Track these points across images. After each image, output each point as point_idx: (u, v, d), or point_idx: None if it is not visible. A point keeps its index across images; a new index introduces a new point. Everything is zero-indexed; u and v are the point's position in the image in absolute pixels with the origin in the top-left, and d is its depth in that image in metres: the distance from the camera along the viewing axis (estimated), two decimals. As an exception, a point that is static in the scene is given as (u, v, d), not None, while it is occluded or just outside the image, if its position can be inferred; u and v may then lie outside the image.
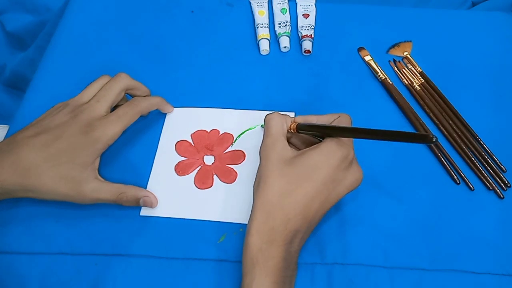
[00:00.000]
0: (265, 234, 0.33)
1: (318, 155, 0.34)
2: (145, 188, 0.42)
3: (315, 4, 0.57)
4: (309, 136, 0.39)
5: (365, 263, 0.38)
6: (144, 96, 0.45)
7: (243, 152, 0.45)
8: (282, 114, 0.39)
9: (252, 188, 0.37)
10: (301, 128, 0.38)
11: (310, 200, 0.33)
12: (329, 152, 0.34)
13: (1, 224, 0.40)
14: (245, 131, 0.46)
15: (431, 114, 0.47)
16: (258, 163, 0.37)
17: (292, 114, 0.47)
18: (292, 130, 0.38)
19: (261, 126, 0.39)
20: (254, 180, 0.37)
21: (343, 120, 0.37)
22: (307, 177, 0.34)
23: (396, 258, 0.39)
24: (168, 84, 0.50)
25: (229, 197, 0.42)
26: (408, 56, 0.53)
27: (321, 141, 0.36)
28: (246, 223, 0.35)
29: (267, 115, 0.39)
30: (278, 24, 0.55)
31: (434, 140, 0.27)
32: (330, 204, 0.35)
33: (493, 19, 0.56)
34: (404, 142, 0.30)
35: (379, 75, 0.50)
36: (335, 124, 0.37)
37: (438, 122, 0.47)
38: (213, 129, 0.46)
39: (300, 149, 0.38)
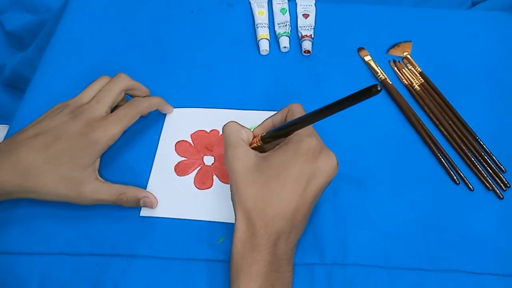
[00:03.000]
0: (247, 241, 0.33)
1: (281, 155, 0.34)
2: (145, 188, 0.42)
3: (315, 4, 0.57)
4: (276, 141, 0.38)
5: (364, 263, 0.38)
6: (144, 97, 0.45)
7: (243, 153, 0.45)
8: (239, 124, 0.38)
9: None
10: (264, 138, 0.37)
11: (285, 201, 0.33)
12: (292, 149, 0.34)
13: (1, 225, 0.40)
14: (245, 131, 0.46)
15: (430, 114, 0.47)
16: None
17: None
18: (259, 143, 0.38)
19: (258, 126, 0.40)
20: None
21: (294, 110, 0.37)
22: (276, 178, 0.33)
23: (396, 259, 0.39)
24: (168, 84, 0.50)
25: (229, 198, 0.41)
26: (408, 56, 0.53)
27: None
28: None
29: (223, 125, 0.38)
30: (278, 24, 0.55)
31: (379, 89, 0.26)
32: (311, 199, 0.34)
33: (493, 19, 0.56)
34: (356, 103, 0.29)
35: (379, 75, 0.50)
36: (288, 117, 0.37)
37: (438, 122, 0.47)
38: (213, 129, 0.46)
39: None
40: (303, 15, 0.56)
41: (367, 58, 0.52)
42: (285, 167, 0.33)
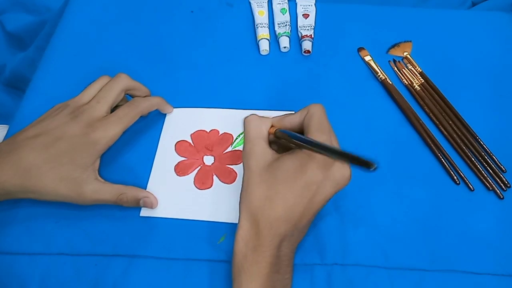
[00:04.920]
0: (250, 240, 0.33)
1: (295, 159, 0.34)
2: (145, 188, 0.42)
3: (315, 4, 0.57)
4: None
5: (364, 263, 0.38)
6: (144, 97, 0.45)
7: (243, 153, 0.45)
8: (260, 116, 0.38)
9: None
10: (277, 136, 0.37)
11: (291, 204, 0.33)
12: (306, 154, 0.33)
13: (1, 225, 0.40)
14: (245, 131, 0.46)
15: (431, 114, 0.47)
16: None
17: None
18: (271, 135, 0.37)
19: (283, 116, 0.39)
20: None
21: (313, 113, 0.36)
22: (286, 182, 0.33)
23: (396, 259, 0.39)
24: (168, 84, 0.50)
25: (229, 198, 0.42)
26: (408, 56, 0.53)
27: None
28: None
29: (244, 118, 0.37)
30: (278, 24, 0.55)
31: (372, 168, 0.27)
32: (318, 205, 0.34)
33: (493, 19, 0.56)
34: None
35: (379, 75, 0.50)
36: (306, 120, 0.36)
37: (438, 122, 0.47)
38: (212, 129, 0.46)
39: (290, 149, 0.37)
40: (303, 15, 0.56)
41: (367, 58, 0.52)
42: (296, 172, 0.33)
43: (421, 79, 0.50)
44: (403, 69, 0.51)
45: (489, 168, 0.44)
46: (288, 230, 0.33)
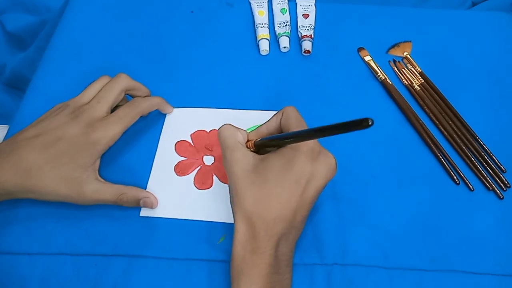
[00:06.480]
0: (248, 243, 0.33)
1: (280, 157, 0.34)
2: (145, 188, 0.42)
3: (315, 4, 0.57)
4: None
5: (364, 263, 0.38)
6: (144, 97, 0.45)
7: (243, 153, 0.45)
8: (234, 126, 0.38)
9: (230, 203, 0.36)
10: (257, 145, 0.37)
11: (284, 202, 0.33)
12: (291, 151, 0.34)
13: (1, 225, 0.40)
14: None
15: (430, 114, 0.47)
16: None
17: None
18: (252, 149, 0.37)
19: (258, 126, 0.39)
20: None
21: (289, 114, 0.36)
22: (275, 180, 0.33)
23: (395, 259, 0.39)
24: (168, 84, 0.50)
25: (229, 198, 0.42)
26: (408, 56, 0.53)
27: None
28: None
29: (218, 129, 0.38)
30: (278, 24, 0.55)
31: (370, 123, 0.26)
32: (310, 200, 0.34)
33: (493, 19, 0.56)
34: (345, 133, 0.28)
35: (379, 75, 0.50)
36: (283, 121, 0.36)
37: (437, 122, 0.47)
38: (212, 129, 0.46)
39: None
40: (303, 15, 0.56)
41: (367, 58, 0.52)
42: (284, 168, 0.33)
43: (421, 79, 0.50)
44: (403, 69, 0.51)
45: (489, 168, 0.44)
46: (284, 228, 0.33)
